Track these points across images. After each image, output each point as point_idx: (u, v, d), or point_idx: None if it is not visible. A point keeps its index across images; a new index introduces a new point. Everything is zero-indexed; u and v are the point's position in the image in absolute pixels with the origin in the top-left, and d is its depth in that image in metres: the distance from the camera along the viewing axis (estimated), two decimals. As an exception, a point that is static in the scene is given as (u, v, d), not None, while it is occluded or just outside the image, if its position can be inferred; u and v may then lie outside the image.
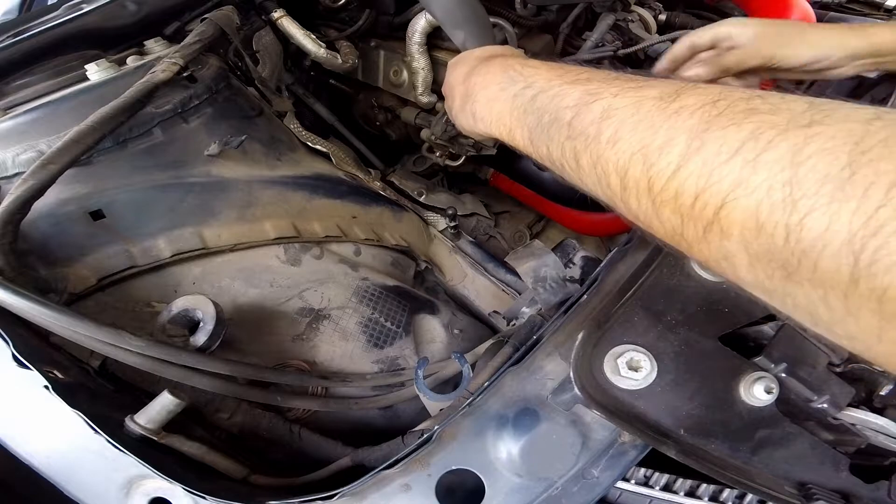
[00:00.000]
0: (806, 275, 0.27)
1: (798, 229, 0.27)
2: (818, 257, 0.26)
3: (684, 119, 0.33)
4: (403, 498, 0.52)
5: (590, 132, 0.39)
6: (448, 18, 0.79)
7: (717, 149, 0.30)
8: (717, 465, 0.49)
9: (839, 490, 0.51)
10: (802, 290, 0.28)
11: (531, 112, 0.47)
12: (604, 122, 0.38)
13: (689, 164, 0.32)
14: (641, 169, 0.34)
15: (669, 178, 0.33)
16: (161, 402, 0.54)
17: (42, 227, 0.66)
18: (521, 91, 0.49)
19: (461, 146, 1.07)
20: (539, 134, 0.45)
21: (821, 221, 0.26)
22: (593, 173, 0.39)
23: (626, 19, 1.07)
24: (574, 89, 0.43)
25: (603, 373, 0.50)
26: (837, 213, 0.25)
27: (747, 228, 0.29)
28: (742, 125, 0.30)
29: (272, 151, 0.86)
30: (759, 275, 0.30)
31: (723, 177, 0.30)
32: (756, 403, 0.50)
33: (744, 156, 0.29)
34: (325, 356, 0.75)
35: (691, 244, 0.33)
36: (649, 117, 0.35)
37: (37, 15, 0.97)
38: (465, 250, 1.03)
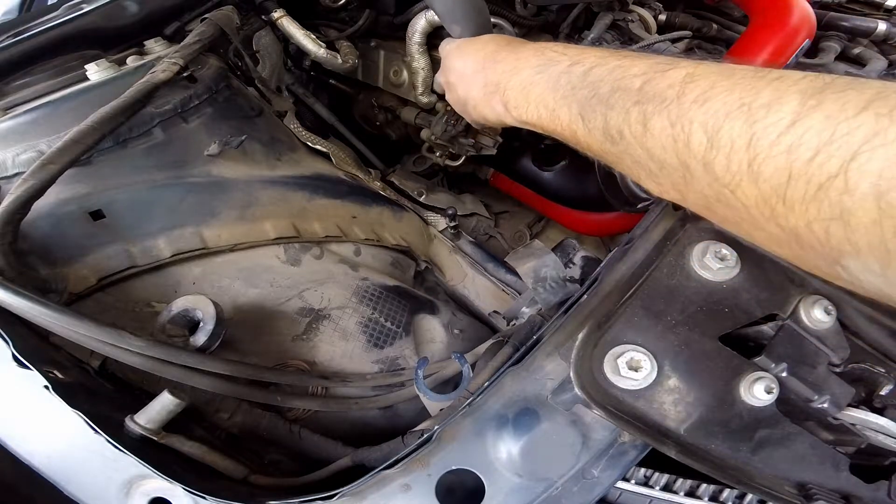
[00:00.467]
0: None
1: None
2: None
3: (791, 84, 0.31)
4: (403, 498, 0.52)
5: (668, 95, 0.37)
6: (447, 12, 0.78)
7: (840, 106, 0.29)
8: (717, 465, 0.49)
9: (839, 490, 0.51)
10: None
11: (582, 87, 0.45)
12: (688, 85, 0.36)
13: (808, 119, 0.29)
14: (742, 125, 0.32)
15: (781, 134, 0.30)
16: (161, 402, 0.54)
17: (42, 227, 0.66)
18: (567, 69, 0.47)
19: (461, 146, 1.07)
20: (594, 104, 0.43)
21: None
22: (668, 133, 0.37)
23: (625, 19, 1.07)
24: (638, 61, 0.41)
25: (603, 373, 0.50)
26: None
27: (884, 178, 0.26)
28: (862, 90, 0.28)
29: (272, 151, 0.86)
30: (887, 232, 0.27)
31: (852, 129, 0.28)
32: (756, 403, 0.50)
33: (875, 110, 0.27)
34: (325, 356, 0.75)
35: (795, 204, 0.31)
36: (747, 80, 0.33)
37: (37, 15, 0.97)
38: (465, 250, 1.03)
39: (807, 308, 0.54)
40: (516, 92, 0.54)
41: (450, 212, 1.01)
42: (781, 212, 0.32)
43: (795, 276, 0.56)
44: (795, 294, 0.55)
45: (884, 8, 1.28)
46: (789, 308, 0.54)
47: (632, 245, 0.59)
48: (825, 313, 0.53)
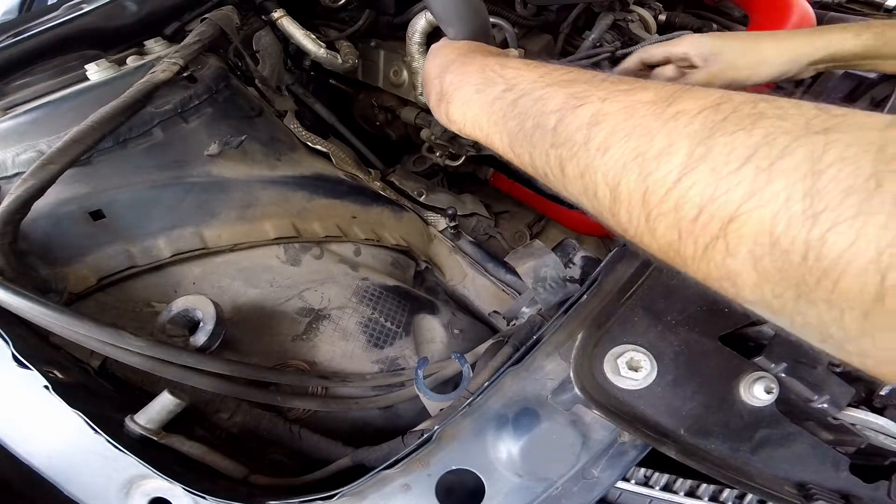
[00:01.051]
0: (823, 294, 0.25)
1: (819, 245, 0.24)
2: (840, 276, 0.24)
3: (684, 124, 0.30)
4: (403, 498, 0.52)
5: (577, 139, 0.36)
6: (443, 14, 0.78)
7: (725, 156, 0.28)
8: (717, 465, 0.49)
9: (839, 490, 0.50)
10: (815, 310, 0.26)
11: (512, 117, 0.43)
12: (593, 129, 0.35)
13: (694, 172, 0.29)
14: (636, 179, 0.31)
15: (669, 189, 0.30)
16: (161, 402, 0.54)
17: (42, 227, 0.66)
18: (500, 94, 0.45)
19: (461, 146, 1.07)
20: (521, 140, 0.42)
21: (846, 237, 0.23)
22: (580, 183, 0.36)
23: (625, 19, 1.08)
24: (558, 92, 0.39)
25: (603, 373, 0.50)
26: (864, 228, 0.23)
27: (759, 244, 0.26)
28: (752, 131, 0.27)
29: (272, 151, 0.86)
30: (766, 294, 0.28)
31: (733, 186, 0.27)
32: (756, 403, 0.50)
33: (757, 163, 0.26)
34: (325, 356, 0.75)
35: (687, 261, 0.31)
36: (644, 123, 0.32)
37: (37, 15, 0.97)
38: (465, 250, 1.03)
39: (807, 308, 0.54)
40: (457, 107, 0.52)
41: (450, 212, 1.01)
42: (682, 265, 0.31)
43: (795, 276, 0.56)
44: (795, 294, 0.55)
45: (884, 8, 1.28)
46: (789, 308, 0.54)
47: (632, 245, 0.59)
48: (825, 313, 0.53)
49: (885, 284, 0.23)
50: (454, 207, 1.03)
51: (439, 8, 0.79)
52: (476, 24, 0.79)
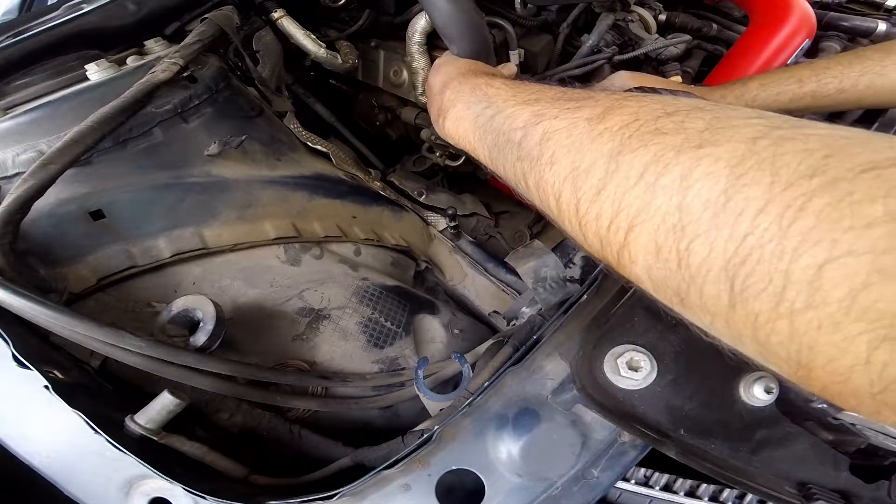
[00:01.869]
0: (695, 300, 0.27)
1: (686, 255, 0.27)
2: (703, 283, 0.26)
3: (605, 142, 0.33)
4: (403, 498, 0.52)
5: (533, 154, 0.39)
6: (444, 28, 0.79)
7: (626, 173, 0.31)
8: (717, 465, 0.49)
9: (839, 490, 0.51)
10: (696, 317, 0.29)
11: (490, 132, 0.47)
12: (545, 145, 0.38)
13: (607, 188, 0.32)
14: (571, 192, 0.35)
15: (591, 202, 0.33)
16: (161, 402, 0.54)
17: (42, 227, 0.66)
18: (482, 111, 0.50)
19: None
20: (496, 153, 0.46)
21: (703, 248, 0.26)
22: (536, 194, 0.40)
23: (625, 19, 1.07)
24: (524, 110, 0.43)
25: (603, 373, 0.50)
26: (715, 240, 0.25)
27: (648, 253, 0.29)
28: (648, 147, 0.30)
29: (272, 151, 0.86)
30: (663, 299, 0.31)
31: (631, 202, 0.30)
32: (756, 403, 0.50)
33: (646, 180, 0.29)
34: (325, 356, 0.75)
35: (613, 267, 0.34)
36: (579, 140, 0.35)
37: (37, 15, 0.97)
38: (465, 250, 1.03)
39: (807, 308, 0.54)
40: (451, 122, 0.57)
41: (450, 212, 1.01)
42: (612, 270, 0.35)
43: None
44: (795, 294, 0.55)
45: (884, 8, 1.28)
46: (789, 308, 0.54)
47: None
48: (825, 313, 0.53)
49: (734, 292, 0.25)
50: (454, 207, 1.03)
51: (441, 24, 0.79)
52: (477, 40, 0.79)
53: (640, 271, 0.31)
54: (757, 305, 0.24)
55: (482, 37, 0.81)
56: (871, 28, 1.18)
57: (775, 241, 0.23)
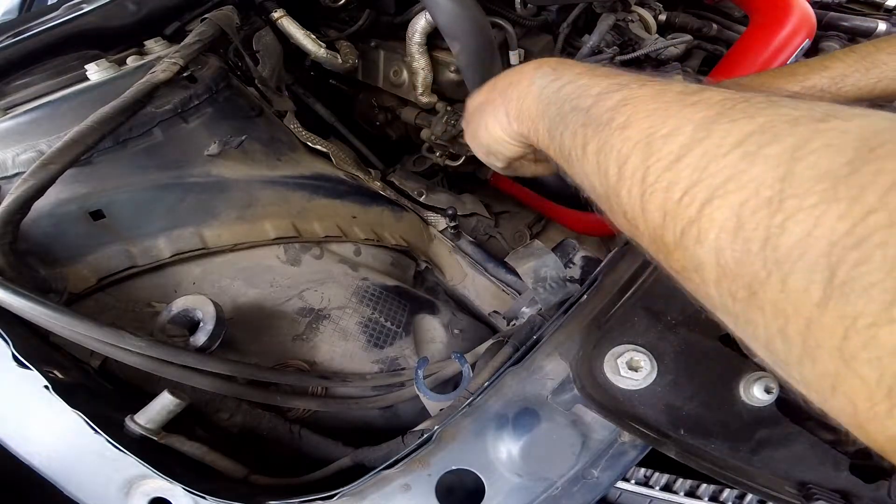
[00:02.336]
0: (771, 294, 0.23)
1: (778, 233, 0.23)
2: (790, 270, 0.22)
3: (699, 110, 0.30)
4: (403, 498, 0.52)
5: (603, 119, 0.36)
6: (448, 28, 0.79)
7: (720, 139, 0.27)
8: (717, 465, 0.49)
9: (839, 490, 0.50)
10: (763, 318, 0.24)
11: (554, 102, 0.44)
12: (619, 109, 0.35)
13: (689, 154, 0.28)
14: (642, 157, 0.31)
15: (665, 169, 0.29)
16: (161, 402, 0.54)
17: (42, 226, 0.66)
18: (549, 83, 0.47)
19: (461, 146, 1.07)
20: (557, 123, 0.43)
21: (803, 225, 0.22)
22: (594, 161, 0.36)
23: (626, 19, 1.07)
24: (602, 81, 0.40)
25: (603, 373, 0.50)
26: (823, 216, 0.21)
27: (725, 231, 0.25)
28: (755, 117, 0.27)
29: (272, 151, 0.86)
30: (724, 292, 0.26)
31: (718, 170, 0.26)
32: (756, 403, 0.50)
33: (746, 148, 0.26)
34: (325, 356, 0.75)
35: (669, 250, 0.30)
36: (665, 106, 0.32)
37: (37, 15, 0.97)
38: (465, 250, 1.03)
39: (807, 308, 0.54)
40: (514, 103, 0.53)
41: (450, 212, 1.01)
42: (663, 254, 0.31)
43: (795, 276, 0.56)
44: (795, 294, 0.54)
45: (884, 8, 1.28)
46: (789, 308, 0.54)
47: (632, 245, 0.59)
48: (825, 313, 0.53)
49: (833, 283, 0.21)
50: (454, 207, 1.03)
51: (444, 22, 0.79)
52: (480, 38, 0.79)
53: (705, 253, 0.26)
54: (861, 304, 0.19)
55: (486, 35, 0.81)
56: (871, 28, 1.18)
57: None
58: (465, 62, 0.85)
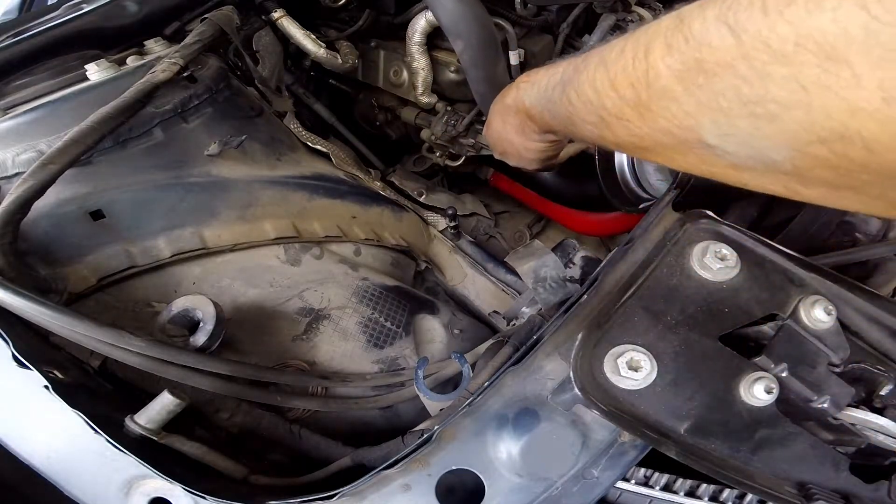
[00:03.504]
0: (706, 58, 0.33)
1: (689, 26, 0.34)
2: (705, 38, 0.33)
3: (619, 40, 0.42)
4: (403, 498, 0.52)
5: (571, 77, 0.49)
6: (451, 26, 0.79)
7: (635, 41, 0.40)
8: (717, 465, 0.49)
9: (839, 490, 0.50)
10: (711, 82, 0.33)
11: (542, 97, 0.55)
12: (578, 67, 0.47)
13: (626, 49, 0.40)
14: (603, 69, 0.42)
15: (617, 63, 0.40)
16: (161, 402, 0.54)
17: (42, 227, 0.66)
18: (531, 90, 0.59)
19: (461, 146, 1.07)
20: (551, 105, 0.54)
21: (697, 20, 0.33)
22: (580, 101, 0.47)
23: (626, 20, 1.07)
24: (558, 67, 0.52)
25: (603, 373, 0.50)
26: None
27: (663, 52, 0.36)
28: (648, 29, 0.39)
29: (272, 151, 0.86)
30: (686, 80, 0.35)
31: (649, 36, 0.38)
32: (756, 403, 0.50)
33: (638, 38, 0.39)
34: (325, 356, 0.75)
35: (645, 101, 0.39)
36: (602, 50, 0.43)
37: (37, 15, 0.98)
38: (465, 250, 1.03)
39: (807, 308, 0.54)
40: (521, 116, 0.64)
41: (450, 212, 1.01)
42: (643, 111, 0.40)
43: (795, 276, 0.56)
44: (795, 294, 0.55)
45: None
46: (789, 308, 0.54)
47: (632, 245, 0.59)
48: (825, 313, 0.53)
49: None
50: (454, 207, 1.03)
51: (447, 21, 0.79)
52: (483, 36, 0.79)
53: (666, 74, 0.35)
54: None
55: (489, 33, 0.81)
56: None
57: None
58: (469, 60, 0.85)
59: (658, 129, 0.39)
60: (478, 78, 0.88)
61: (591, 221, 1.12)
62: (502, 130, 0.71)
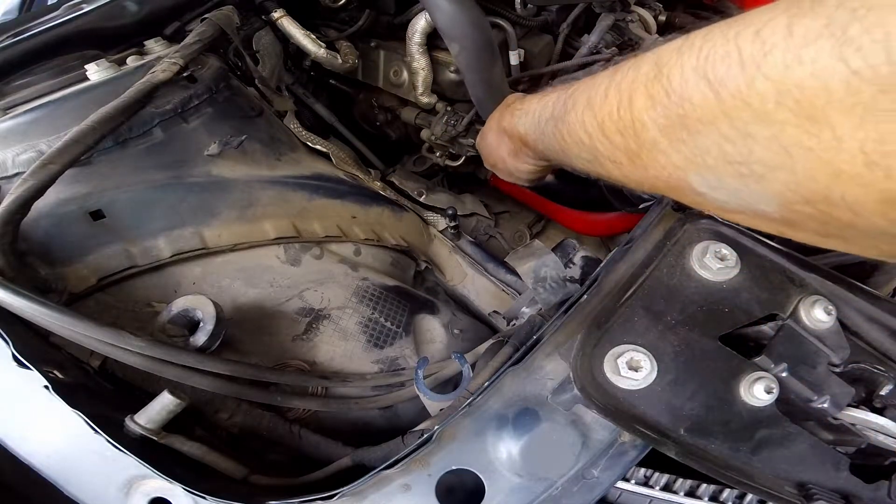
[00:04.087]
0: (688, 112, 0.34)
1: (668, 83, 0.35)
2: (684, 93, 0.34)
3: (600, 76, 0.44)
4: (403, 498, 0.52)
5: (561, 114, 0.50)
6: (447, 28, 0.79)
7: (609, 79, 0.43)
8: (717, 465, 0.49)
9: (839, 490, 0.51)
10: (692, 129, 0.34)
11: (536, 128, 0.58)
12: (566, 104, 0.49)
13: (610, 89, 0.42)
14: (591, 112, 0.44)
15: (603, 107, 0.42)
16: (161, 402, 0.54)
17: (42, 227, 0.66)
18: (525, 118, 0.63)
19: (461, 146, 1.07)
20: (544, 136, 0.56)
21: (677, 75, 0.34)
22: (571, 140, 0.49)
23: (625, 20, 1.07)
24: (550, 97, 0.55)
25: (603, 373, 0.50)
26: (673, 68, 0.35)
27: (646, 102, 0.38)
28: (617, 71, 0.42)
29: (272, 151, 0.86)
30: (665, 137, 0.36)
31: (625, 87, 0.40)
32: (756, 403, 0.50)
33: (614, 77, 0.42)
34: (325, 356, 0.75)
35: (634, 147, 0.40)
36: (585, 86, 0.46)
37: (37, 15, 0.97)
38: (465, 250, 1.03)
39: (807, 308, 0.54)
40: (516, 142, 0.66)
41: (450, 212, 1.01)
42: (633, 152, 0.41)
43: (795, 276, 0.56)
44: (795, 294, 0.55)
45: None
46: (789, 308, 0.54)
47: (632, 245, 0.59)
48: (825, 313, 0.53)
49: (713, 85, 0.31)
50: (454, 207, 1.03)
51: (443, 24, 0.79)
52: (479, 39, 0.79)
53: (647, 120, 0.37)
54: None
55: (485, 36, 0.81)
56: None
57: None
58: (465, 63, 0.85)
59: (650, 176, 0.40)
60: (474, 81, 0.88)
61: (591, 221, 1.12)
62: (496, 149, 0.73)
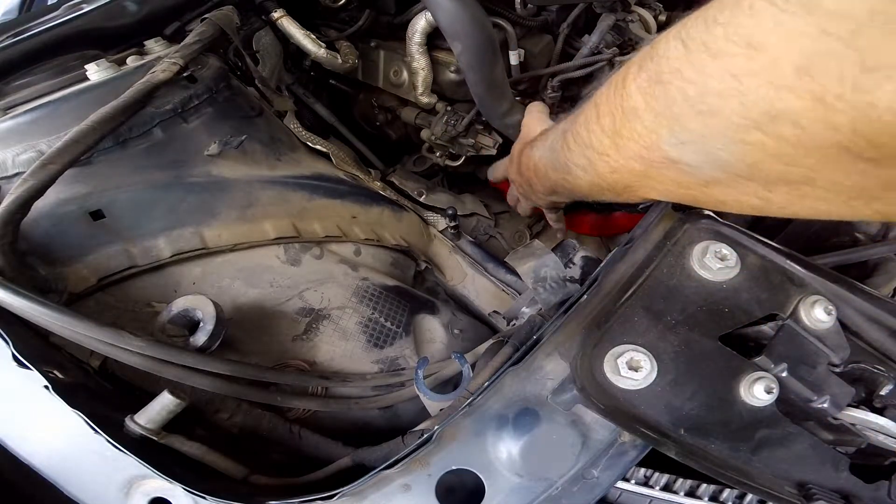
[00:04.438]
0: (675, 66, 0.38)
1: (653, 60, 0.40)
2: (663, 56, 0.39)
3: (597, 99, 0.48)
4: (403, 498, 0.52)
5: (577, 114, 0.53)
6: (449, 27, 0.79)
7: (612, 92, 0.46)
8: (717, 465, 0.49)
9: (839, 490, 0.51)
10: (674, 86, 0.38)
11: (571, 128, 0.59)
12: (583, 106, 0.52)
13: (609, 111, 0.46)
14: (581, 147, 0.51)
15: (601, 129, 0.47)
16: (161, 402, 0.54)
17: (42, 226, 0.66)
18: (541, 150, 0.67)
19: (461, 146, 1.07)
20: (559, 144, 0.59)
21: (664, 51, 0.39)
22: (574, 145, 0.54)
23: (626, 20, 1.07)
24: (558, 133, 0.59)
25: (603, 373, 0.50)
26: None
27: (640, 81, 0.41)
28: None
29: (272, 151, 0.86)
30: (659, 93, 0.39)
31: (626, 101, 0.43)
32: (756, 403, 0.50)
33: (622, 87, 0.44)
34: (325, 356, 0.75)
35: (650, 160, 0.43)
36: (586, 115, 0.50)
37: (37, 15, 0.97)
38: (465, 250, 1.03)
39: (807, 308, 0.54)
40: (540, 173, 0.69)
41: (450, 212, 1.01)
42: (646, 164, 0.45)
43: (795, 276, 0.56)
44: (795, 294, 0.55)
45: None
46: (789, 308, 0.54)
47: (632, 245, 0.59)
48: (825, 313, 0.53)
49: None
50: (454, 207, 1.03)
51: (445, 22, 0.79)
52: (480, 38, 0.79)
53: (633, 88, 0.41)
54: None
55: (487, 35, 0.81)
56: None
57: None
58: (467, 62, 0.85)
59: (630, 155, 0.44)
60: (476, 80, 0.88)
61: (591, 221, 1.12)
62: (515, 178, 0.80)
